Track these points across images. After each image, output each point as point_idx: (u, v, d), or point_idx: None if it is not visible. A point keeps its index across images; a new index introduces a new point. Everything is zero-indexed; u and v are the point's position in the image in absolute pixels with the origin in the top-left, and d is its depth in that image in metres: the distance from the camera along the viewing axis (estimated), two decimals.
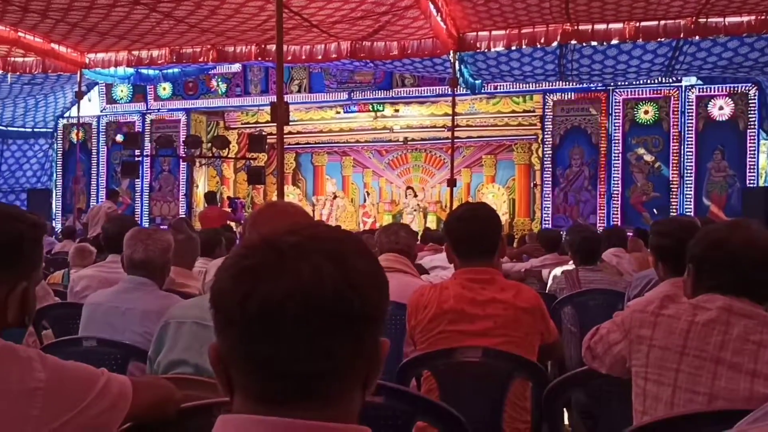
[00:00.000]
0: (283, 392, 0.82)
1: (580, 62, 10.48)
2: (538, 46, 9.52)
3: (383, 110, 14.86)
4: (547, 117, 12.98)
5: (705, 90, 12.05)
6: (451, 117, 10.23)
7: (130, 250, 2.89)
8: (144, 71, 12.24)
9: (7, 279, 1.33)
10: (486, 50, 9.72)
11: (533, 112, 13.95)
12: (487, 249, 2.53)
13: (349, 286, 0.81)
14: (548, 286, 4.95)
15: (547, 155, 13.02)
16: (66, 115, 15.91)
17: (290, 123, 6.35)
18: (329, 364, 0.81)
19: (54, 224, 14.99)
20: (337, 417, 0.83)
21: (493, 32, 9.49)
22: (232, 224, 11.04)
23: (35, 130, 16.57)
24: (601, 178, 12.55)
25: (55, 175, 16.41)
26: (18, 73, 12.00)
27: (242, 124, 16.14)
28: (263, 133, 14.44)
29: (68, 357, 2.71)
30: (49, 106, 15.59)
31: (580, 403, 3.13)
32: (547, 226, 12.41)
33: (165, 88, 15.01)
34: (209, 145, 13.67)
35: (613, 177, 12.44)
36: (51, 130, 16.45)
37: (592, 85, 12.23)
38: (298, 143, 17.36)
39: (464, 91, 11.56)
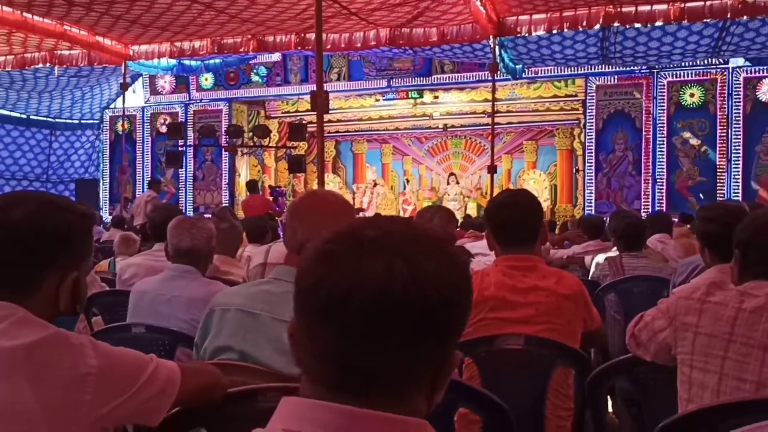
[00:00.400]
0: (342, 380, 0.82)
1: (623, 45, 10.28)
2: (580, 29, 9.36)
3: (422, 97, 14.80)
4: (590, 101, 12.77)
5: (753, 71, 11.72)
6: (491, 103, 10.15)
7: (176, 239, 2.94)
8: (186, 62, 12.41)
9: (59, 269, 1.37)
10: (527, 34, 9.60)
11: (575, 96, 13.74)
12: (528, 236, 2.51)
13: (419, 292, 0.79)
14: (591, 272, 4.89)
15: (589, 140, 12.83)
16: (112, 106, 16.23)
17: (330, 111, 6.37)
18: (382, 363, 0.81)
19: (102, 214, 15.32)
20: (403, 414, 0.83)
21: (534, 16, 9.36)
22: (274, 213, 11.15)
23: (82, 121, 16.97)
24: (645, 163, 12.32)
25: (102, 165, 16.77)
26: (65, 66, 12.30)
27: (282, 113, 16.26)
28: (303, 121, 14.54)
29: (118, 343, 2.79)
30: (95, 98, 15.93)
31: (624, 391, 3.11)
32: (589, 212, 12.26)
33: (207, 79, 15.20)
34: (250, 134, 13.81)
35: (658, 162, 12.21)
36: (97, 121, 16.82)
37: (635, 68, 12.00)
38: (337, 131, 17.42)
39: (504, 77, 11.45)
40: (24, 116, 16.46)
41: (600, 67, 11.95)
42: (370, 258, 0.80)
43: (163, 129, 15.08)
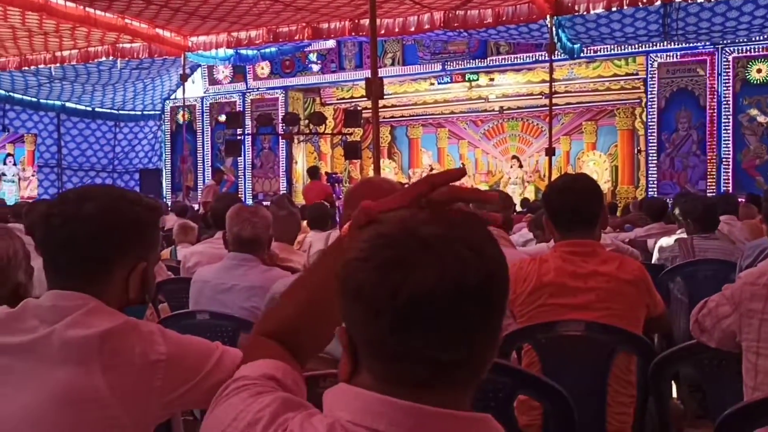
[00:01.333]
0: (419, 377, 0.83)
1: (686, 21, 9.96)
2: (641, 5, 9.12)
3: (478, 80, 14.65)
4: (651, 79, 12.43)
5: None
6: (548, 84, 9.98)
7: (238, 228, 2.98)
8: (243, 52, 12.59)
9: (129, 260, 1.42)
10: (585, 13, 9.39)
11: (636, 74, 13.38)
12: (587, 221, 2.47)
13: (488, 276, 0.82)
14: (655, 256, 4.78)
15: (651, 119, 12.50)
16: (172, 97, 16.60)
17: (384, 97, 6.39)
18: (468, 353, 0.83)
19: (166, 202, 15.73)
20: (457, 403, 0.84)
21: None
22: (330, 200, 11.25)
23: (144, 112, 17.43)
24: (710, 142, 11.94)
25: (164, 155, 17.20)
26: (126, 59, 12.64)
27: (338, 99, 16.35)
28: (358, 107, 14.58)
29: (183, 329, 2.87)
30: (156, 90, 16.33)
31: (689, 377, 3.04)
32: (652, 193, 11.96)
33: (263, 68, 15.39)
34: (306, 121, 13.93)
35: (724, 140, 11.81)
36: (159, 112, 17.24)
37: (699, 44, 11.60)
38: (392, 116, 17.40)
39: (562, 57, 11.23)
40: (89, 109, 17.02)
41: (661, 44, 11.60)
42: (439, 255, 0.81)
43: (222, 118, 15.36)
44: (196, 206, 12.65)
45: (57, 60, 12.76)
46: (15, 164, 15.89)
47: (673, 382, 2.86)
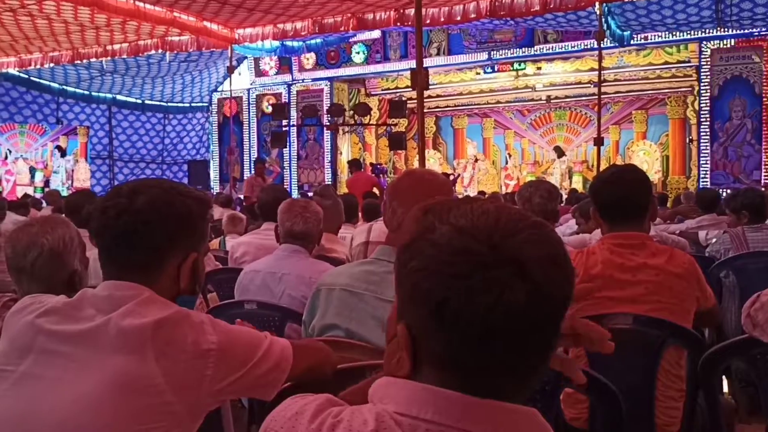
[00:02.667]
0: (489, 385, 0.84)
1: (740, 6, 9.67)
2: None
3: (525, 69, 14.48)
4: (704, 67, 12.12)
5: None
6: (597, 72, 9.79)
7: (290, 223, 3.05)
8: (289, 43, 12.67)
9: (180, 251, 1.45)
10: None
11: (688, 62, 13.05)
12: (636, 212, 2.43)
13: (546, 299, 0.81)
14: (707, 248, 4.67)
15: (704, 108, 12.20)
16: (219, 89, 16.82)
17: (429, 87, 6.35)
18: (539, 361, 0.85)
19: (213, 193, 15.98)
20: (513, 394, 0.86)
21: None
22: (376, 191, 11.26)
23: (192, 104, 17.71)
24: (765, 132, 11.59)
25: (211, 146, 17.46)
26: (175, 52, 12.84)
27: (382, 90, 16.34)
28: (403, 98, 14.55)
29: (231, 318, 2.93)
30: (203, 82, 16.58)
31: (741, 371, 2.98)
32: (704, 184, 11.69)
33: (308, 59, 15.47)
34: (351, 112, 13.96)
35: None
36: (206, 104, 17.50)
37: (753, 30, 11.24)
38: (437, 107, 17.33)
39: (611, 44, 11.02)
40: (139, 101, 17.37)
41: (715, 30, 11.28)
42: (528, 274, 0.80)
43: (268, 110, 15.51)
44: (241, 197, 12.82)
45: (108, 53, 13.03)
46: (67, 156, 16.31)
47: (724, 376, 2.80)
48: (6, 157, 15.26)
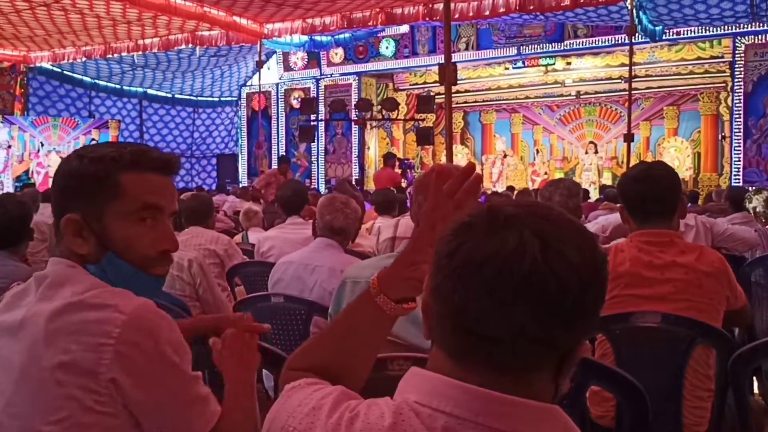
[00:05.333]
0: (469, 349, 0.85)
1: None
2: None
3: (554, 64, 14.34)
4: (738, 63, 11.90)
5: None
6: (628, 68, 9.67)
7: (330, 217, 3.09)
8: (317, 38, 12.70)
9: (60, 211, 1.34)
10: None
11: (721, 58, 12.83)
12: (665, 210, 2.40)
13: (549, 270, 0.80)
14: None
15: (737, 104, 11.98)
16: (248, 83, 16.92)
17: (458, 82, 6.32)
18: (508, 334, 0.81)
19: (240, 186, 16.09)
20: (535, 391, 0.84)
21: None
22: (403, 185, 11.26)
23: (221, 99, 17.85)
24: None
25: (240, 140, 17.58)
26: (205, 47, 12.95)
27: (410, 85, 16.31)
28: (431, 93, 14.50)
29: (258, 311, 2.96)
30: (233, 76, 16.69)
31: None
32: (737, 181, 11.49)
33: (337, 54, 15.49)
34: (379, 107, 13.96)
35: None
36: (235, 98, 17.62)
37: None
38: (466, 102, 17.25)
39: (643, 39, 10.87)
40: (169, 95, 17.56)
41: (749, 25, 11.07)
42: (504, 231, 0.82)
43: (297, 104, 15.57)
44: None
45: (139, 48, 13.19)
46: None
47: (754, 377, 2.76)
48: (38, 150, 15.52)
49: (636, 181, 2.45)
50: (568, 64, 14.35)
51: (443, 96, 5.68)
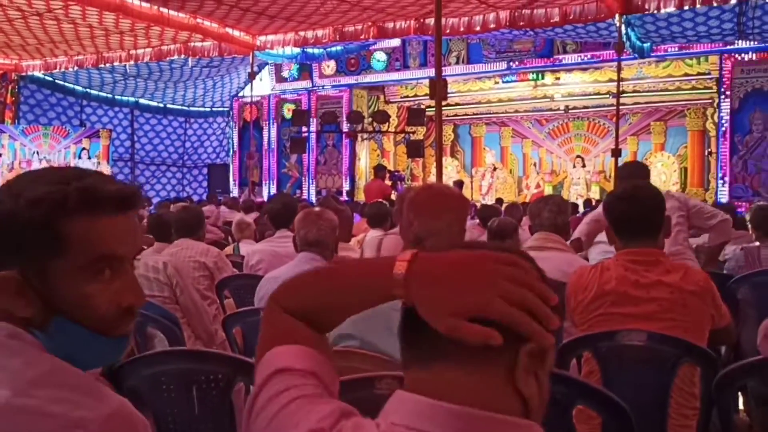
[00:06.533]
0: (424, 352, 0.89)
1: (762, 19, 9.59)
2: (715, 4, 8.82)
3: (543, 78, 14.47)
4: (725, 79, 12.04)
5: None
6: (616, 83, 9.77)
7: (304, 231, 3.12)
8: (310, 50, 12.75)
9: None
10: (655, 11, 9.15)
11: (708, 74, 12.98)
12: (650, 229, 2.45)
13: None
14: (724, 263, 4.65)
15: (724, 120, 12.12)
16: (240, 94, 16.95)
17: (448, 96, 6.38)
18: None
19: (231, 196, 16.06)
20: (500, 393, 0.86)
21: None
22: (393, 197, 11.28)
23: (213, 109, 17.87)
24: None
25: (231, 150, 17.58)
26: (197, 57, 12.97)
27: (401, 97, 16.39)
28: (422, 106, 14.58)
29: (248, 325, 2.97)
30: (225, 87, 16.72)
31: (757, 390, 2.96)
32: (723, 196, 11.59)
33: (329, 66, 15.55)
34: (370, 119, 14.02)
35: None
36: (227, 109, 17.64)
37: None
38: (456, 115, 17.34)
39: (631, 56, 10.99)
40: (161, 105, 17.55)
41: (736, 43, 11.22)
42: None
43: (288, 115, 15.62)
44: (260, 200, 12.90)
45: (132, 58, 13.20)
46: (90, 158, 16.48)
47: (740, 393, 2.79)
48: (30, 159, 15.48)
49: (622, 201, 2.50)
50: (557, 78, 14.48)
51: (434, 109, 5.73)
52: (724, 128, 12.10)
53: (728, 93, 11.99)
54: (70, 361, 1.03)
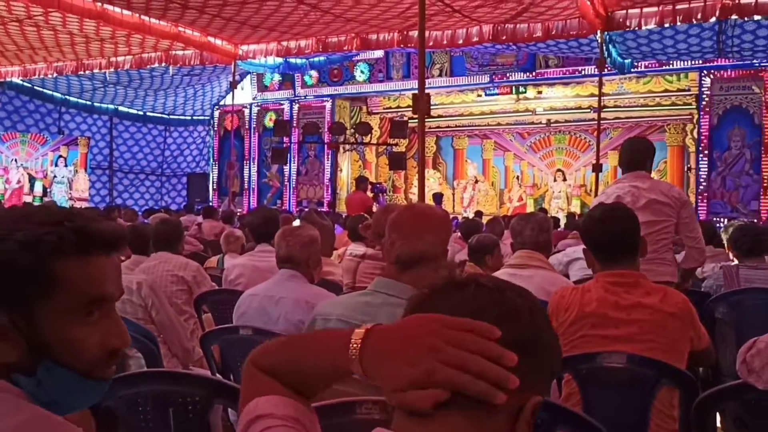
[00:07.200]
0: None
1: (741, 38, 9.74)
2: (695, 22, 8.92)
3: (526, 92, 14.57)
4: (704, 96, 12.19)
5: None
6: (597, 98, 9.85)
7: (278, 247, 3.12)
8: (292, 60, 12.73)
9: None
10: (636, 29, 9.25)
11: (688, 90, 13.15)
12: (629, 251, 2.46)
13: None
14: (702, 282, 4.67)
15: (703, 136, 12.26)
16: (221, 103, 16.87)
17: (431, 107, 6.40)
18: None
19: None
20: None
21: (645, 9, 9.00)
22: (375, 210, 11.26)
23: (194, 117, 17.76)
24: (764, 162, 11.64)
25: (211, 159, 17.48)
26: (178, 65, 12.90)
27: (384, 108, 16.41)
28: (404, 118, 14.60)
29: (226, 343, 2.93)
30: (206, 95, 16.63)
31: (735, 412, 2.97)
32: (702, 212, 11.71)
33: (312, 76, 15.54)
34: (352, 131, 14.02)
35: None
36: (208, 117, 17.55)
37: (754, 61, 11.33)
38: (438, 127, 17.39)
39: (612, 71, 11.10)
40: (141, 113, 17.41)
41: (715, 60, 11.37)
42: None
43: (270, 125, 15.58)
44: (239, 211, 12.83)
45: (112, 65, 13.08)
46: (66, 166, 16.30)
47: (718, 414, 2.80)
48: (8, 167, 15.29)
49: (599, 223, 2.51)
50: (539, 92, 14.59)
51: (416, 120, 5.73)
52: (703, 144, 12.23)
53: (707, 109, 12.13)
54: (54, 405, 1.01)
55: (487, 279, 0.93)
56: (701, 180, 12.20)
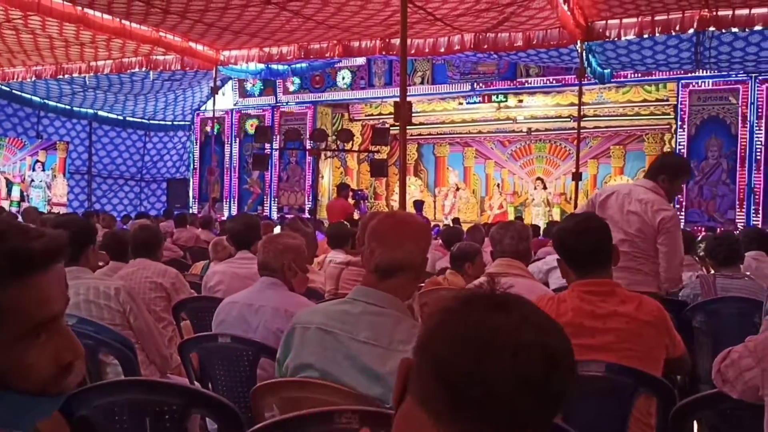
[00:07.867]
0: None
1: (718, 50, 9.88)
2: (673, 33, 9.05)
3: (507, 101, 14.65)
4: (682, 106, 12.33)
5: None
6: (577, 107, 9.94)
7: (257, 254, 3.15)
8: (274, 67, 12.72)
9: None
10: (616, 39, 9.36)
11: (666, 101, 13.30)
12: (602, 260, 2.49)
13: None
14: (680, 291, 4.70)
15: (681, 146, 12.38)
16: (202, 108, 16.79)
17: (413, 114, 6.42)
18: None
19: (191, 212, 15.86)
20: None
21: (624, 20, 9.12)
22: (356, 217, 11.26)
23: (174, 123, 17.66)
24: (740, 172, 11.79)
25: (192, 165, 17.37)
26: (159, 70, 12.82)
27: (366, 115, 16.42)
28: (386, 125, 14.62)
29: (205, 351, 2.91)
30: (187, 101, 16.54)
31: (711, 420, 3.00)
32: (680, 221, 11.82)
33: (293, 82, 15.52)
34: (334, 137, 14.01)
35: (755, 170, 11.65)
36: (189, 123, 17.45)
37: (731, 72, 11.49)
38: (420, 134, 17.44)
39: (592, 81, 11.20)
40: (120, 117, 17.27)
41: (693, 71, 11.52)
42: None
43: (251, 131, 15.54)
44: (222, 218, 12.75)
45: (92, 69, 12.97)
46: (44, 170, 16.12)
47: (695, 422, 2.82)
48: None
49: (573, 234, 2.53)
50: (520, 101, 14.68)
51: (398, 127, 5.74)
52: (680, 154, 12.36)
53: (685, 120, 12.27)
54: (11, 426, 0.96)
55: (526, 308, 0.88)
56: None
